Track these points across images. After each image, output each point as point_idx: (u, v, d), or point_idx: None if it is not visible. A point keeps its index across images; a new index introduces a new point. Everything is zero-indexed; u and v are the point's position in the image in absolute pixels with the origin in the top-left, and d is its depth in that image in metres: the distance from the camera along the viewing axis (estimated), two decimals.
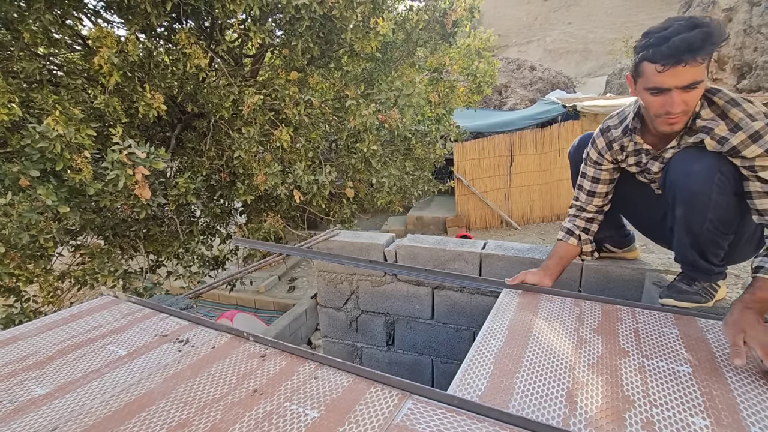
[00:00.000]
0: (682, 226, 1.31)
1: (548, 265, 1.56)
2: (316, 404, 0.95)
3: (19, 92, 2.74)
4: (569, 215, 1.64)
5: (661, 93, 1.14)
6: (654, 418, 0.89)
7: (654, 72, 1.12)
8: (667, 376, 1.02)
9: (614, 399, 0.95)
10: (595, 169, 1.53)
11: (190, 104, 3.68)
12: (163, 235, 3.77)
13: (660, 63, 1.09)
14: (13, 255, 2.57)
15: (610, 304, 1.41)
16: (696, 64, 1.06)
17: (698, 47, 1.04)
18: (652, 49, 1.11)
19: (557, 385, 1.01)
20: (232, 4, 3.06)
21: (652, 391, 0.98)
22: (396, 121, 3.84)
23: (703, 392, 0.96)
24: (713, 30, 1.05)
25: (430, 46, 5.13)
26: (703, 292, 1.36)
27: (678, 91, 1.12)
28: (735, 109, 1.15)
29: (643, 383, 1.00)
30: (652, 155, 1.38)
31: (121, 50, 2.94)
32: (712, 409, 0.91)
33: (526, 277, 1.52)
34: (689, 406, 0.92)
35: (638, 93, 1.23)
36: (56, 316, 1.46)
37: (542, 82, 12.92)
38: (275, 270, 6.77)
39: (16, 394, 1.02)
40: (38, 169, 2.52)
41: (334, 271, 2.38)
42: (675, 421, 0.88)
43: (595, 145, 1.51)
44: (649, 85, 1.15)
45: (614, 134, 1.45)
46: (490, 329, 1.28)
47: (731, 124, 1.15)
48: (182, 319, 1.41)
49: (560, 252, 1.60)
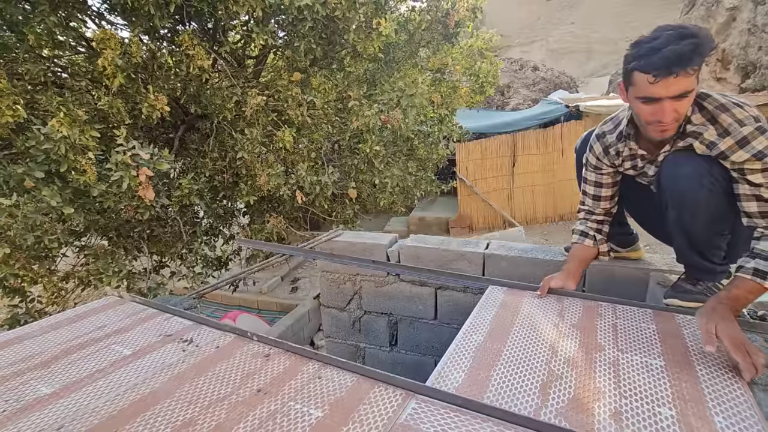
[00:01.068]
0: (677, 227, 1.33)
1: (569, 269, 1.56)
2: (320, 404, 0.96)
3: (23, 94, 2.76)
4: (580, 218, 1.64)
5: (652, 102, 1.15)
6: (622, 409, 0.92)
7: (645, 82, 1.13)
8: (639, 370, 1.06)
9: (585, 391, 0.98)
10: (596, 174, 1.54)
11: (193, 105, 3.69)
12: (166, 235, 3.78)
13: (652, 74, 1.10)
14: (18, 256, 2.58)
15: (592, 301, 1.44)
16: (687, 75, 1.08)
17: (689, 58, 1.05)
18: (643, 59, 1.12)
19: (532, 377, 1.04)
20: (235, 5, 3.07)
21: (623, 383, 1.01)
22: (398, 121, 3.84)
23: (673, 384, 1.00)
24: (702, 40, 1.06)
25: (433, 47, 5.14)
26: (708, 291, 1.35)
27: (669, 101, 1.13)
28: (724, 115, 1.16)
29: (615, 376, 1.04)
30: (648, 159, 1.39)
31: (125, 52, 2.95)
32: (679, 400, 0.94)
33: (550, 282, 1.52)
34: (657, 397, 0.95)
35: (630, 101, 1.25)
36: (61, 316, 1.46)
37: (545, 82, 12.90)
38: (278, 271, 6.78)
39: (22, 394, 1.03)
40: (43, 170, 2.54)
41: (337, 272, 2.38)
42: (642, 411, 0.91)
43: (593, 151, 1.52)
44: (640, 95, 1.17)
45: (609, 140, 1.46)
46: (473, 324, 1.32)
47: (720, 129, 1.17)
48: (186, 319, 1.42)
49: (579, 254, 1.60)
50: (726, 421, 0.87)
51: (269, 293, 6.27)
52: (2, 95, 2.51)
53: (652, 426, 0.87)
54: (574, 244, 1.64)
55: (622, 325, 1.28)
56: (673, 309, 1.35)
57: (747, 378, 1.00)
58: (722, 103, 1.18)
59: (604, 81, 16.69)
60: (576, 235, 1.63)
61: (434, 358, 2.26)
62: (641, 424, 0.87)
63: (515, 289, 1.56)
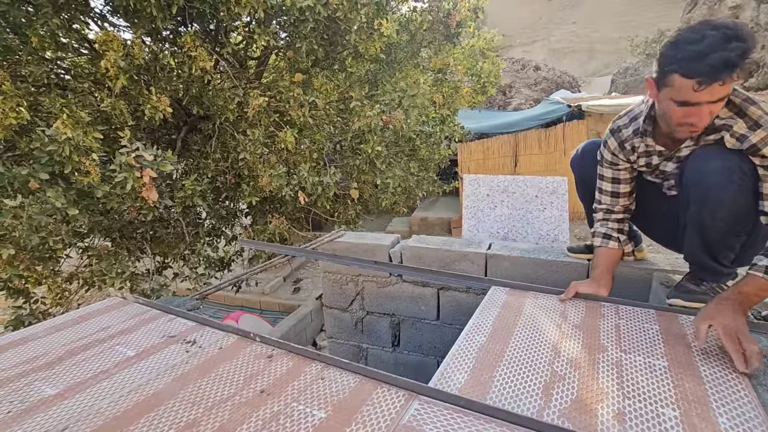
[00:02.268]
0: (695, 225, 1.31)
1: (599, 275, 1.50)
2: (323, 405, 0.96)
3: (27, 96, 2.78)
4: (598, 220, 1.59)
5: (689, 106, 1.12)
6: (625, 410, 0.92)
7: (687, 87, 1.08)
8: (642, 370, 1.05)
9: (588, 391, 0.98)
10: (613, 170, 1.50)
11: (195, 107, 3.70)
12: (169, 236, 3.79)
13: (696, 81, 1.06)
14: (23, 257, 2.59)
15: (594, 301, 1.43)
16: (731, 80, 1.04)
17: (735, 63, 1.01)
18: (686, 64, 1.07)
19: (535, 378, 1.04)
20: (237, 6, 3.08)
21: (626, 384, 1.00)
22: (400, 122, 3.84)
23: (676, 385, 0.99)
24: (748, 43, 1.02)
25: (434, 47, 5.13)
26: (712, 292, 1.34)
27: (707, 105, 1.10)
28: (753, 107, 1.14)
29: (618, 377, 1.03)
30: (665, 156, 1.37)
31: (128, 54, 2.96)
32: (682, 401, 0.94)
33: (578, 288, 1.46)
34: (661, 398, 0.95)
35: (660, 100, 1.21)
36: (65, 317, 1.47)
37: (547, 81, 12.88)
38: (280, 271, 6.79)
39: (27, 395, 1.04)
40: (47, 172, 2.55)
41: (340, 272, 2.38)
42: (645, 412, 0.91)
43: (608, 146, 1.49)
44: (678, 98, 1.13)
45: (625, 134, 1.43)
46: (476, 325, 1.32)
47: (750, 121, 1.14)
48: (189, 320, 1.42)
49: (606, 259, 1.53)
50: (730, 422, 0.87)
51: (272, 294, 6.28)
52: (6, 97, 2.53)
53: (656, 427, 0.86)
54: (597, 248, 1.56)
55: (625, 325, 1.27)
56: (676, 309, 1.35)
57: (739, 367, 0.99)
58: (748, 96, 1.15)
59: (606, 80, 16.66)
60: (598, 238, 1.56)
61: (436, 359, 2.26)
62: (645, 425, 0.87)
63: (518, 290, 1.56)
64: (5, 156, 2.96)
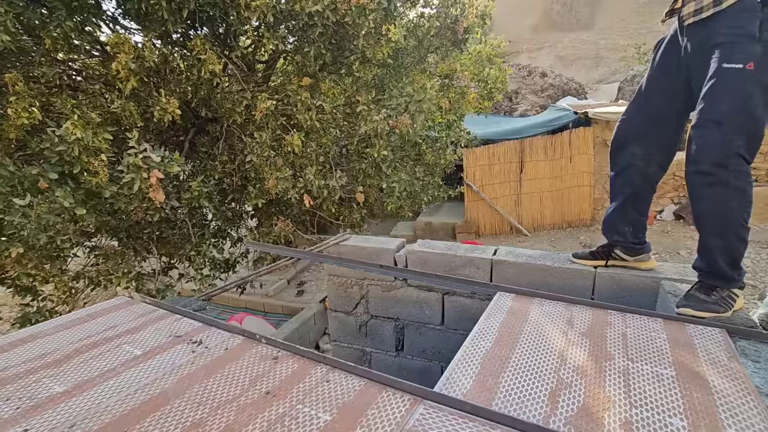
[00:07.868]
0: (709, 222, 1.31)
1: None
2: (328, 407, 0.96)
3: (39, 97, 2.82)
4: None
5: None
6: (633, 419, 0.91)
7: None
8: (649, 379, 1.05)
9: (595, 400, 0.97)
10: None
11: (203, 109, 3.74)
12: (175, 237, 3.81)
13: None
14: (31, 255, 2.62)
15: (601, 309, 1.43)
16: None
17: None
18: None
19: (541, 385, 1.03)
20: (247, 11, 3.11)
21: (633, 392, 1.00)
22: (406, 126, 3.85)
23: (684, 395, 0.98)
24: None
25: (441, 53, 5.15)
26: (722, 301, 1.34)
27: None
28: None
29: (626, 385, 1.02)
30: None
31: (138, 56, 3.00)
32: (691, 411, 0.93)
33: None
34: (669, 407, 0.94)
35: None
36: (73, 315, 1.48)
37: (553, 88, 12.86)
38: (284, 274, 6.80)
39: (35, 392, 1.04)
40: (56, 171, 2.58)
41: (345, 276, 2.39)
42: (653, 422, 0.90)
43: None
44: None
45: None
46: (481, 330, 1.31)
47: None
48: (196, 320, 1.43)
49: None
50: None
51: (275, 296, 6.28)
52: (19, 98, 2.57)
53: None
54: None
55: (632, 333, 1.27)
56: (685, 318, 1.34)
57: None
58: None
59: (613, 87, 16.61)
60: None
61: (441, 364, 2.25)
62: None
63: (523, 296, 1.55)
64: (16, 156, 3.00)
